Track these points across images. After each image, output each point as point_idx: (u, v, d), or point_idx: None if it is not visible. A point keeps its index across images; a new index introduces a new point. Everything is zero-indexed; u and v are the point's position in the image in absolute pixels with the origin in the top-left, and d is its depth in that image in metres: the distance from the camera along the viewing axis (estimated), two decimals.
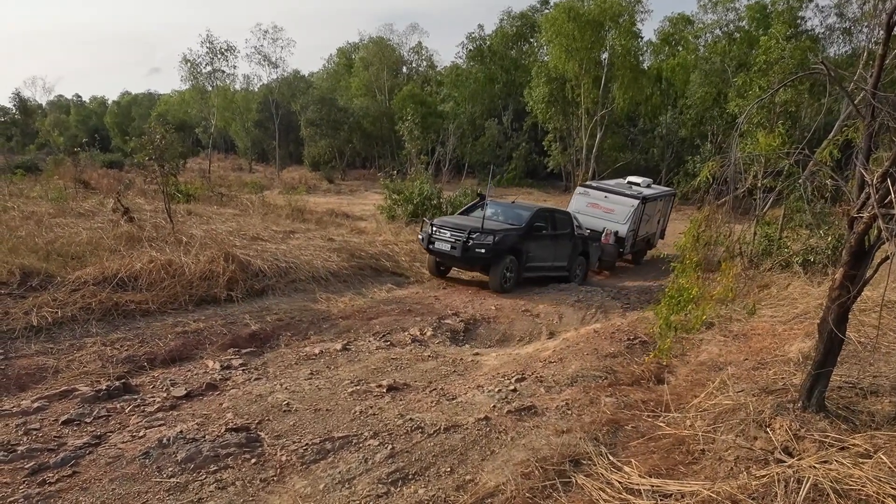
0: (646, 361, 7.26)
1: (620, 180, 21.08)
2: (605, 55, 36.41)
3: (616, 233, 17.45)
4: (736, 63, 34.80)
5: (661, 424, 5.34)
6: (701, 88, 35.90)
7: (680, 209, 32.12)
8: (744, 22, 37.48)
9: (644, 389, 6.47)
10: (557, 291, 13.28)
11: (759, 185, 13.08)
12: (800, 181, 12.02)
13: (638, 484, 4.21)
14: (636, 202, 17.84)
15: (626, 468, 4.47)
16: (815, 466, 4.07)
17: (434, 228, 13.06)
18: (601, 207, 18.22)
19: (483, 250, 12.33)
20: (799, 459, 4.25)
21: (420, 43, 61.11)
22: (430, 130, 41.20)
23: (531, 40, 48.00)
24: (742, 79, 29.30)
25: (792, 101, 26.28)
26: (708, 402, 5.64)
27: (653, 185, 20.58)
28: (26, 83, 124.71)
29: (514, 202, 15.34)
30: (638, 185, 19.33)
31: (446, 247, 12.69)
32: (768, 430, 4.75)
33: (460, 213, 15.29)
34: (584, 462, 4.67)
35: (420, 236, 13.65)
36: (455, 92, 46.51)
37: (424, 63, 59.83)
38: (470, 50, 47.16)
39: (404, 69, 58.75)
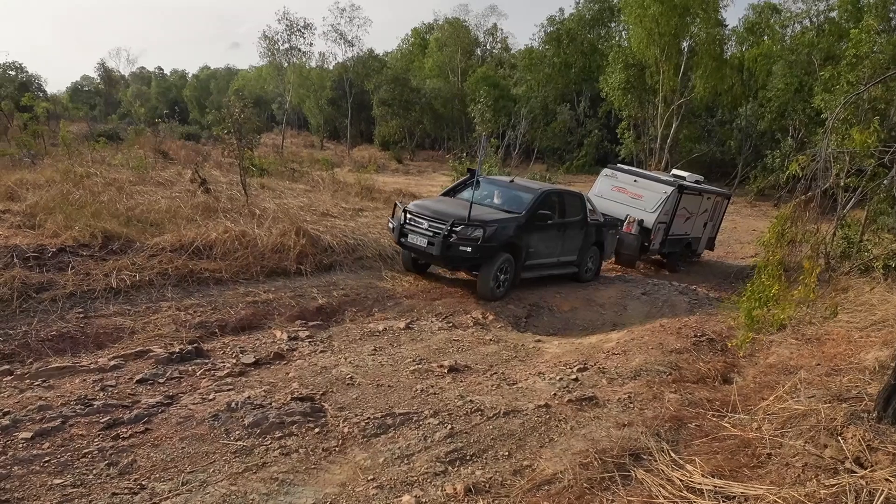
0: (717, 358, 7.10)
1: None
2: (686, 42, 35.40)
3: (641, 222, 14.80)
4: (823, 55, 33.32)
5: (726, 425, 5.22)
6: (783, 80, 34.53)
7: (756, 205, 31.17)
8: (834, 13, 35.83)
9: (709, 388, 6.33)
10: (623, 283, 13.09)
11: (842, 183, 12.53)
12: (885, 181, 11.48)
13: (700, 483, 4.13)
14: (670, 189, 15.20)
15: (689, 466, 4.39)
16: (888, 479, 3.91)
17: (408, 216, 10.38)
18: (628, 192, 15.65)
19: (469, 249, 9.61)
20: (871, 471, 4.09)
21: (496, 25, 60.72)
22: (501, 114, 41.04)
23: (610, 24, 47.03)
24: (829, 72, 28.13)
25: (882, 97, 25.00)
26: (777, 405, 5.47)
27: (703, 183, 17.84)
28: (111, 54, 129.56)
29: (512, 181, 12.29)
30: (683, 178, 16.40)
31: (422, 242, 9.94)
32: (839, 438, 4.58)
33: (444, 194, 12.37)
34: (645, 457, 4.60)
35: (390, 224, 10.79)
36: (529, 75, 46.03)
37: (499, 45, 59.50)
38: (548, 32, 46.48)
39: (478, 51, 58.52)
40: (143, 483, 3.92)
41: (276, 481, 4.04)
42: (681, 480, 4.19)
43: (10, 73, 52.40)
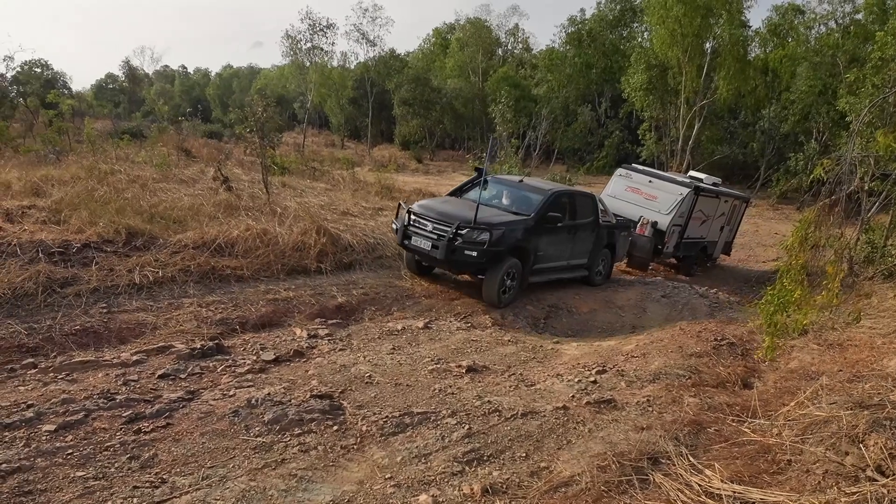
0: (737, 362, 7.04)
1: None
2: (709, 43, 35.12)
3: (655, 224, 14.35)
4: (848, 58, 32.91)
5: (745, 430, 5.18)
6: (807, 82, 34.13)
7: (778, 208, 30.86)
8: (860, 15, 35.36)
9: (729, 392, 6.27)
10: (643, 285, 13.01)
11: (866, 187, 12.37)
12: None
13: (719, 489, 4.10)
14: (686, 191, 14.76)
15: (707, 471, 4.36)
16: None
17: (412, 217, 10.00)
18: (643, 193, 15.21)
19: (475, 253, 9.22)
20: (893, 479, 4.04)
21: (517, 25, 60.65)
22: (522, 114, 40.95)
23: (632, 25, 46.80)
24: (854, 75, 27.77)
25: None
26: (797, 411, 5.42)
27: (721, 186, 17.41)
28: (135, 52, 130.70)
29: (521, 180, 11.70)
30: (700, 180, 15.90)
31: (426, 244, 9.54)
32: (861, 445, 4.52)
33: (451, 194, 11.99)
34: (663, 461, 4.58)
35: (394, 226, 10.53)
36: (550, 76, 45.91)
37: (520, 46, 59.41)
38: (569, 33, 46.36)
39: (499, 51, 58.47)
40: (164, 477, 3.97)
41: (295, 478, 4.07)
42: (699, 485, 4.17)
43: (36, 70, 53.14)
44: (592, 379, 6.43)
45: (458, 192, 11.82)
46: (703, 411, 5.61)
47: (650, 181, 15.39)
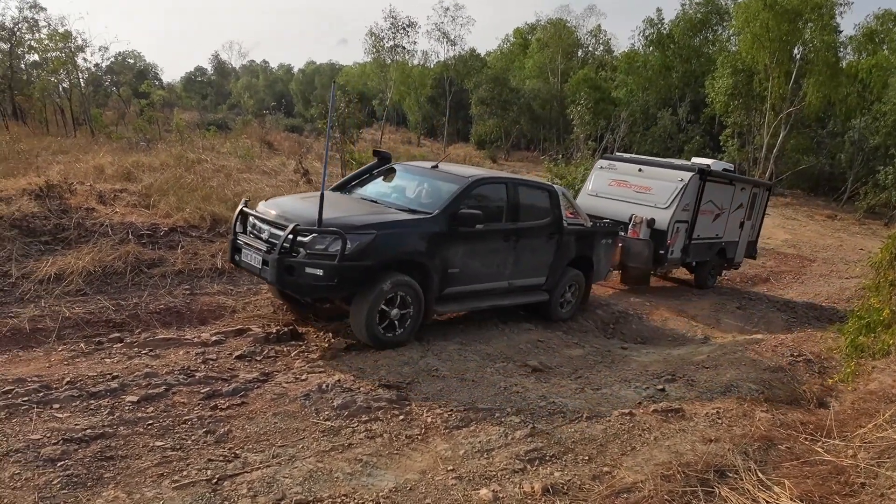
0: (813, 380, 6.81)
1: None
2: (798, 49, 33.83)
3: (652, 222, 11.22)
4: None
5: (818, 450, 5.01)
6: None
7: (864, 223, 29.49)
8: None
9: (804, 410, 6.07)
10: (717, 295, 12.68)
11: None
12: None
13: None
14: (689, 175, 11.55)
15: (776, 488, 4.24)
16: None
17: (249, 221, 6.87)
18: (632, 186, 11.99)
19: (320, 271, 5.93)
20: None
21: (599, 26, 59.78)
22: (600, 116, 40.41)
23: (716, 28, 45.48)
24: None
25: None
26: (875, 433, 5.20)
27: (734, 173, 14.18)
28: (224, 46, 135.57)
29: (436, 166, 8.12)
30: (707, 166, 12.37)
31: (255, 259, 6.31)
32: None
33: (336, 188, 8.33)
34: (730, 475, 4.47)
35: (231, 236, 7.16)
36: (629, 78, 45.14)
37: (601, 47, 58.58)
38: (647, 35, 45.46)
39: (580, 52, 57.79)
40: (237, 452, 4.14)
41: (360, 462, 4.18)
42: (766, 502, 4.07)
43: (129, 61, 55.72)
44: (661, 387, 6.34)
45: (347, 183, 8.47)
46: (774, 427, 5.45)
47: (640, 169, 12.27)
